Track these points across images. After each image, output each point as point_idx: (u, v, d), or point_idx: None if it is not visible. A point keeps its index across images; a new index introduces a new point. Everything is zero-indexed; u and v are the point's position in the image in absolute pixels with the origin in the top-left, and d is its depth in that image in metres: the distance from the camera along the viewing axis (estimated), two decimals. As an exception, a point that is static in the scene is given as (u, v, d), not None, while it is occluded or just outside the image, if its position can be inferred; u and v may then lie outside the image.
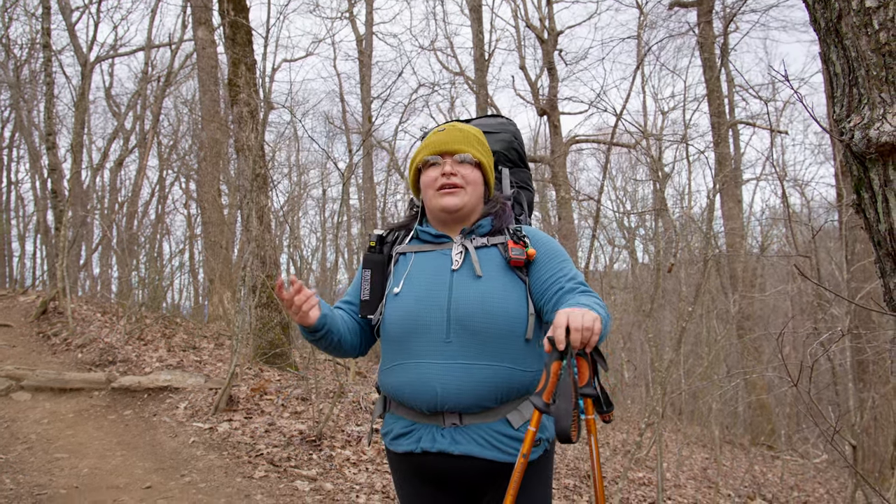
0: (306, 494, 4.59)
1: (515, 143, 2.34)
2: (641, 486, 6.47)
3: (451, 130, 2.06)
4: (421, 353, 1.89)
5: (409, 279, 1.97)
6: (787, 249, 14.57)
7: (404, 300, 1.95)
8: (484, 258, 1.96)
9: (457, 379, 1.84)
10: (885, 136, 1.48)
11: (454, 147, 2.01)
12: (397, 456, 1.99)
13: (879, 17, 1.50)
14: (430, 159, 2.03)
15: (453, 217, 2.01)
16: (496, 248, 1.99)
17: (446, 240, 2.02)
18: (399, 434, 1.96)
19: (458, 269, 1.95)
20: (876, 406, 8.61)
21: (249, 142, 8.19)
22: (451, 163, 2.00)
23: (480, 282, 1.91)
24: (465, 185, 1.99)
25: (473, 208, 2.03)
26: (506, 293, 1.91)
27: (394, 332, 1.96)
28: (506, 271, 1.95)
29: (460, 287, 1.91)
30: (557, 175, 15.27)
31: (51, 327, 9.12)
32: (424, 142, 2.09)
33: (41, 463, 4.93)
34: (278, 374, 7.80)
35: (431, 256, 2.01)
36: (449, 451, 1.86)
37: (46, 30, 11.32)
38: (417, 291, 1.94)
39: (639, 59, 9.42)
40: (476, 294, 1.89)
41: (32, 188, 20.10)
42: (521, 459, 1.70)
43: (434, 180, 2.01)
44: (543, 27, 16.27)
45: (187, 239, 19.68)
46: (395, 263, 2.05)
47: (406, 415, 1.95)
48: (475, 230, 2.02)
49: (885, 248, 1.58)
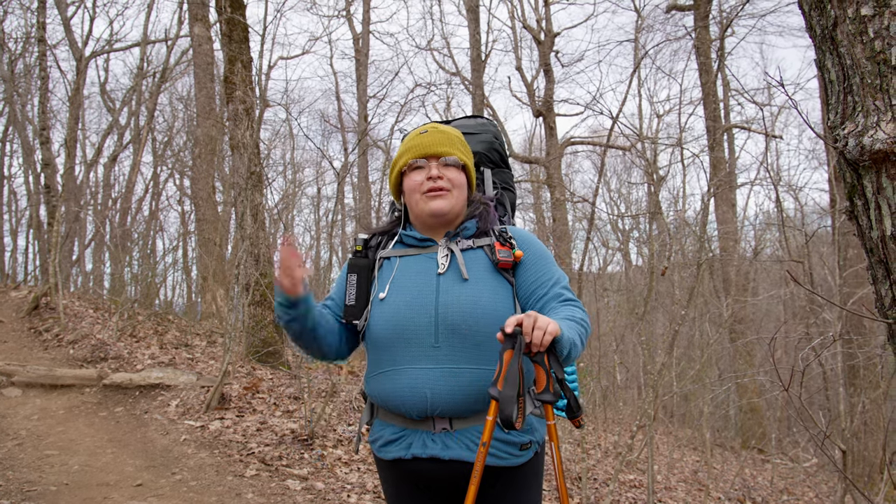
0: (297, 493, 4.58)
1: (496, 143, 2.30)
2: (632, 489, 6.49)
3: (434, 133, 2.02)
4: (409, 358, 1.87)
5: (395, 284, 1.94)
6: (780, 254, 14.62)
7: (391, 306, 1.91)
8: (470, 261, 1.95)
9: (447, 384, 1.83)
10: (878, 144, 1.49)
11: (439, 149, 1.98)
12: (387, 463, 1.97)
13: (875, 26, 1.51)
14: (415, 162, 1.98)
15: (440, 221, 1.99)
16: (482, 250, 1.98)
17: (431, 243, 2.00)
18: (388, 441, 1.94)
19: (445, 273, 1.93)
20: (866, 411, 8.64)
21: (245, 139, 8.17)
22: (436, 166, 1.97)
23: (467, 285, 1.90)
24: (451, 189, 1.97)
25: (459, 211, 2.01)
26: (494, 296, 1.90)
27: (381, 338, 1.93)
28: (493, 273, 1.94)
29: (448, 291, 1.89)
30: (553, 176, 15.30)
31: (42, 323, 9.07)
32: (406, 144, 2.03)
33: (31, 459, 4.91)
34: (271, 373, 7.78)
35: (417, 260, 1.98)
36: (440, 456, 1.85)
37: (41, 24, 11.28)
38: (404, 296, 1.91)
39: (635, 61, 9.45)
40: (464, 297, 1.88)
41: (25, 183, 19.97)
42: (482, 449, 1.70)
43: (420, 184, 1.97)
44: (540, 28, 16.30)
45: (181, 236, 19.62)
46: (380, 268, 2.02)
47: (395, 421, 1.93)
48: (460, 233, 2.00)
49: (877, 256, 1.59)
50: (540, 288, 1.92)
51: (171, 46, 17.51)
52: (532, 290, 1.93)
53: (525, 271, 1.96)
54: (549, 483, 5.70)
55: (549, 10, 16.39)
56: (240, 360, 8.06)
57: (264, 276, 8.25)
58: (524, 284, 1.94)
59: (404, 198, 2.05)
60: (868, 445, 8.82)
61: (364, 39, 17.55)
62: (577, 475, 6.11)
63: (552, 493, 5.56)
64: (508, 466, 1.86)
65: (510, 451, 1.86)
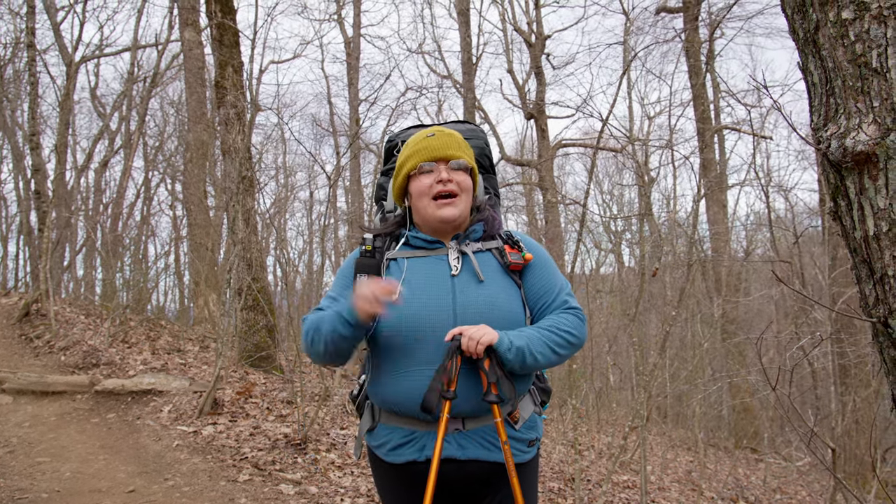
0: (291, 498, 4.58)
1: (487, 150, 2.30)
2: (626, 489, 6.51)
3: (441, 135, 2.00)
4: (426, 360, 1.85)
5: (407, 285, 1.91)
6: (770, 254, 14.70)
7: (406, 307, 1.87)
8: (481, 263, 1.97)
9: (463, 384, 1.84)
10: (860, 146, 1.51)
11: (448, 153, 1.96)
12: (395, 467, 1.94)
13: (855, 29, 1.53)
14: (424, 166, 1.96)
15: (449, 226, 1.98)
16: (490, 252, 2.00)
17: (440, 245, 2.00)
18: (398, 444, 1.92)
19: (458, 275, 1.93)
20: (857, 409, 8.70)
21: (236, 144, 8.17)
22: (445, 169, 1.95)
23: (483, 286, 1.92)
24: (460, 193, 1.96)
25: (467, 215, 2.02)
26: (508, 296, 1.94)
27: (394, 341, 1.89)
28: (503, 275, 1.98)
29: (464, 292, 1.90)
30: (544, 179, 15.34)
31: (33, 329, 9.02)
32: (413, 147, 2.00)
33: (23, 467, 4.88)
34: (263, 377, 7.77)
35: (426, 262, 1.97)
36: (455, 456, 1.86)
37: (31, 29, 11.24)
38: (420, 298, 1.89)
39: (625, 64, 9.50)
40: (481, 298, 1.90)
41: (16, 189, 19.87)
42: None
43: (429, 187, 1.95)
44: (531, 31, 16.36)
45: (173, 241, 19.53)
46: (387, 269, 1.99)
47: (402, 424, 1.92)
48: (469, 235, 2.01)
49: (861, 255, 1.61)
50: (546, 295, 1.99)
51: (162, 51, 17.46)
52: (539, 296, 2.00)
53: (532, 276, 2.01)
54: (542, 485, 5.71)
55: (540, 13, 16.46)
56: (232, 364, 8.04)
57: (256, 280, 8.23)
58: (532, 289, 2.00)
59: (409, 200, 2.03)
60: (860, 444, 8.88)
61: (355, 43, 17.55)
62: (571, 476, 6.12)
63: (546, 493, 5.57)
64: (519, 463, 1.91)
65: (520, 447, 1.94)
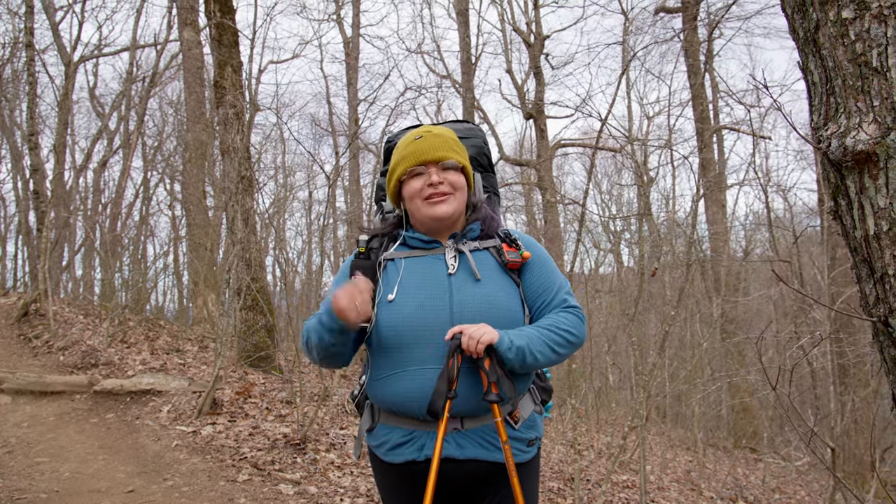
0: (290, 498, 4.57)
1: (486, 148, 2.30)
2: (625, 489, 6.51)
3: (429, 137, 1.99)
4: (424, 359, 1.86)
5: (404, 285, 1.92)
6: (769, 254, 14.71)
7: (403, 307, 1.89)
8: (479, 261, 1.97)
9: (462, 383, 1.84)
10: (860, 145, 1.50)
11: (437, 155, 1.96)
12: (395, 466, 1.94)
13: (856, 28, 1.52)
14: (414, 170, 1.96)
15: (444, 224, 1.99)
16: (488, 251, 2.00)
17: (437, 245, 2.00)
18: (397, 444, 1.92)
19: (455, 274, 1.93)
20: (856, 409, 8.71)
21: (235, 143, 8.16)
22: (435, 171, 1.95)
23: (480, 285, 1.92)
24: (452, 192, 1.96)
25: (462, 213, 2.02)
26: (506, 295, 1.94)
27: (392, 340, 1.89)
28: (502, 274, 1.97)
29: (461, 291, 1.90)
30: (543, 178, 15.34)
31: (32, 329, 9.01)
32: (403, 151, 2.00)
33: (21, 467, 4.87)
34: (263, 377, 7.76)
35: (423, 262, 1.98)
36: (454, 456, 1.86)
37: (29, 29, 11.23)
38: (416, 297, 1.90)
39: (624, 64, 9.50)
40: (479, 297, 1.89)
41: (14, 189, 19.85)
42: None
43: (420, 190, 1.95)
44: (530, 31, 16.35)
45: (171, 241, 19.52)
46: (384, 270, 1.99)
47: (402, 423, 1.92)
48: (466, 234, 2.01)
49: (861, 255, 1.61)
50: (545, 293, 1.99)
51: (161, 51, 17.47)
52: (538, 295, 1.99)
53: (531, 274, 2.00)
54: (543, 485, 5.71)
55: (539, 13, 16.44)
56: (231, 364, 8.04)
57: (255, 280, 8.23)
58: (531, 287, 2.00)
59: (405, 203, 2.04)
60: (859, 443, 8.89)
61: (354, 43, 17.54)
62: (570, 476, 6.12)
63: (546, 493, 5.57)
64: (519, 462, 1.91)
65: (520, 447, 1.93)
